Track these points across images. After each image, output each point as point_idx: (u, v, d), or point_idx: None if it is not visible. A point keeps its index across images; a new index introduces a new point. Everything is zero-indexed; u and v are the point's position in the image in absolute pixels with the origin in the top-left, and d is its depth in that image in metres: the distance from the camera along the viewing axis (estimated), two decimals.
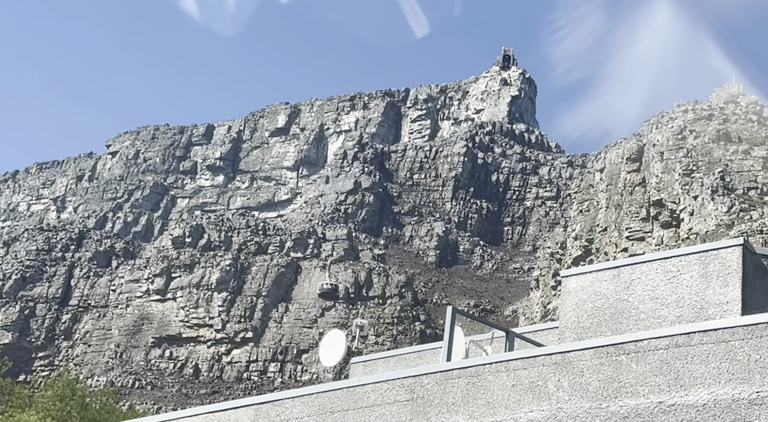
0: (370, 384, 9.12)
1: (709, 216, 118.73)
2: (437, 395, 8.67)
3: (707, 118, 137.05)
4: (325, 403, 9.30)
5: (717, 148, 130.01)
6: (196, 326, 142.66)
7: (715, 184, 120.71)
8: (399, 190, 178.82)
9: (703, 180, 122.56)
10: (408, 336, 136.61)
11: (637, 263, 10.10)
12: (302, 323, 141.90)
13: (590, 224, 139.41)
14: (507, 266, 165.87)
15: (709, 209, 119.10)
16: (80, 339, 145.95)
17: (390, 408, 8.89)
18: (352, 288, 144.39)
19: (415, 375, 8.89)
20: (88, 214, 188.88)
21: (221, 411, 9.87)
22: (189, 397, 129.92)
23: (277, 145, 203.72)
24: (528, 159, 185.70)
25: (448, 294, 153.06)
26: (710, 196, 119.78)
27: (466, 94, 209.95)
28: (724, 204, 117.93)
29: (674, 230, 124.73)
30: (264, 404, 9.64)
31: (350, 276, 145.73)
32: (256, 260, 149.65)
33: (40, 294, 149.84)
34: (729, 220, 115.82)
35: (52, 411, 35.73)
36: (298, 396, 9.50)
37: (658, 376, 7.67)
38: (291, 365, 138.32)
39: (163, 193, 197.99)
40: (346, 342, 12.42)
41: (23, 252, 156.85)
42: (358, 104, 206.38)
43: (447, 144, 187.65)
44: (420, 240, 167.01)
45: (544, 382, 8.19)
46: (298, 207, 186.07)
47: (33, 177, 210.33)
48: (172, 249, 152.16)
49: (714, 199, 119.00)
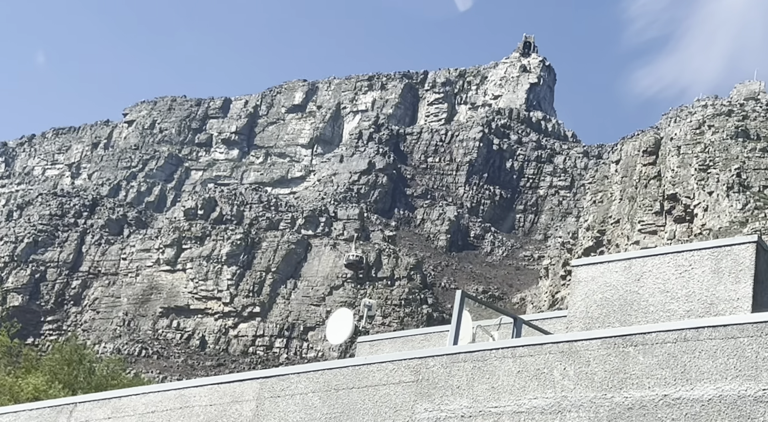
0: (376, 363, 9.14)
1: (723, 213, 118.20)
2: (442, 377, 8.69)
3: (726, 114, 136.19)
4: (330, 380, 9.33)
5: (735, 145, 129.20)
6: (204, 298, 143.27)
7: (730, 180, 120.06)
8: (413, 173, 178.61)
9: (719, 176, 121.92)
10: (415, 318, 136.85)
11: (649, 256, 10.08)
12: (310, 301, 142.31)
13: (603, 215, 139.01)
14: (517, 253, 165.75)
15: (724, 205, 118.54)
16: (89, 306, 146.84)
17: (395, 388, 8.91)
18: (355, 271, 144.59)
19: (421, 356, 8.90)
20: (102, 182, 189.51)
21: (226, 383, 9.91)
22: (194, 368, 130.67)
23: (293, 121, 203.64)
24: (544, 147, 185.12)
25: (457, 279, 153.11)
26: (725, 192, 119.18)
27: (484, 79, 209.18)
28: (739, 201, 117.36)
29: (687, 225, 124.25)
30: (269, 378, 9.67)
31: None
32: (267, 236, 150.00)
33: (51, 258, 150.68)
34: (743, 218, 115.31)
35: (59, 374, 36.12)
36: (304, 372, 9.53)
37: (664, 369, 7.67)
38: (297, 341, 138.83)
39: (177, 165, 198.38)
40: (354, 321, 12.45)
41: (36, 217, 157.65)
42: (376, 84, 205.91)
43: (463, 128, 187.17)
44: (431, 223, 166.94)
45: (550, 370, 8.20)
46: (311, 184, 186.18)
47: (49, 142, 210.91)
48: (183, 221, 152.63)
49: (729, 196, 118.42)
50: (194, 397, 10.04)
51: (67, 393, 32.20)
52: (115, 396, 10.49)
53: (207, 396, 9.97)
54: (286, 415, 9.43)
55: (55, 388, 33.22)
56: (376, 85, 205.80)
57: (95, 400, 10.62)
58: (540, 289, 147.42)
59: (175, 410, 10.01)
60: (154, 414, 10.13)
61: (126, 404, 10.36)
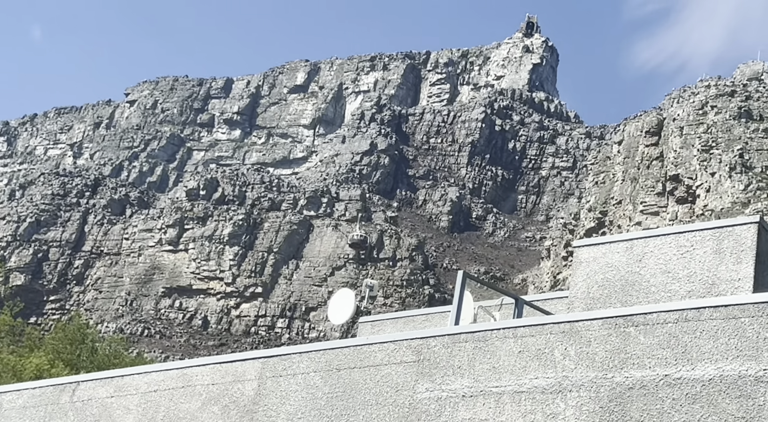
0: (377, 343, 9.17)
1: (726, 194, 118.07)
2: (443, 357, 8.71)
3: (729, 95, 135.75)
4: (332, 360, 9.35)
5: (737, 125, 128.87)
6: (206, 278, 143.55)
7: (733, 161, 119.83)
8: (415, 154, 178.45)
9: (721, 157, 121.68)
10: (416, 299, 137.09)
11: (651, 236, 10.08)
12: (312, 281, 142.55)
13: (605, 196, 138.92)
14: (519, 234, 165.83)
15: (726, 186, 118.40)
16: (92, 285, 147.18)
17: (396, 368, 8.94)
18: (359, 251, 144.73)
19: (423, 337, 8.92)
20: (104, 162, 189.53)
21: (228, 363, 9.94)
22: (197, 348, 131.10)
23: (295, 102, 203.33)
24: (546, 128, 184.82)
25: (459, 260, 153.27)
26: (728, 173, 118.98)
27: (487, 59, 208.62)
28: (741, 182, 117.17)
29: (689, 206, 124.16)
30: (271, 357, 9.70)
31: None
32: (269, 216, 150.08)
33: (53, 238, 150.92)
34: (745, 198, 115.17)
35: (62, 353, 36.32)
36: (306, 352, 9.56)
37: (665, 349, 7.68)
38: (299, 322, 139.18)
39: (179, 145, 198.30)
40: (356, 302, 12.48)
41: (39, 196, 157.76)
42: (378, 65, 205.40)
43: (465, 109, 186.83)
44: (433, 204, 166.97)
45: (551, 350, 8.22)
46: (313, 165, 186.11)
47: (51, 121, 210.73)
48: (185, 201, 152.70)
49: (731, 177, 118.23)
50: (196, 376, 10.08)
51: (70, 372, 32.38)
52: (118, 375, 10.54)
53: (209, 375, 10.01)
54: (287, 394, 9.47)
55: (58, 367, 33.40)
56: (378, 65, 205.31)
57: (98, 379, 10.67)
58: (542, 270, 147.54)
59: (178, 389, 10.06)
60: (156, 393, 10.18)
61: (128, 383, 10.40)
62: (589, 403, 7.88)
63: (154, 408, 10.13)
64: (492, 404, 8.32)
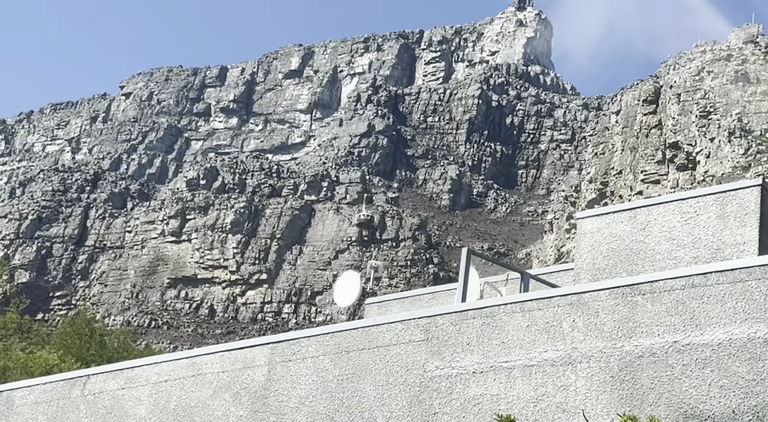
0: (385, 324, 9.18)
1: (726, 159, 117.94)
2: (452, 335, 8.73)
3: (725, 59, 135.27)
4: (341, 342, 9.37)
5: (735, 90, 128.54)
6: (210, 267, 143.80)
7: (732, 125, 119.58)
8: (413, 133, 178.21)
9: (719, 122, 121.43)
10: (421, 278, 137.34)
11: (654, 204, 10.07)
12: (316, 265, 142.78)
13: (605, 167, 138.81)
14: (521, 209, 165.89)
15: (726, 151, 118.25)
16: (97, 279, 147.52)
17: (405, 347, 8.96)
18: (366, 230, 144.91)
19: (430, 315, 8.94)
20: (102, 156, 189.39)
21: (237, 350, 9.97)
22: (204, 337, 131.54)
23: (291, 87, 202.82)
24: (543, 101, 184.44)
25: (462, 238, 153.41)
26: (727, 138, 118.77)
27: (480, 35, 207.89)
28: (741, 146, 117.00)
29: (690, 173, 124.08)
30: (280, 343, 9.72)
31: (356, 223, 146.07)
32: (270, 202, 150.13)
33: (56, 234, 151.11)
34: (746, 162, 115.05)
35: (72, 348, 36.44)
36: (314, 336, 9.57)
37: (673, 316, 7.69)
38: (305, 306, 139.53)
39: (177, 135, 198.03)
40: (361, 284, 12.50)
41: (39, 193, 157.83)
42: (372, 46, 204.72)
43: (461, 86, 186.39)
44: (433, 183, 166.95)
45: (559, 323, 8.23)
46: (311, 150, 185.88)
47: (47, 117, 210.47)
48: (186, 191, 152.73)
49: (731, 141, 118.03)
50: (206, 365, 10.11)
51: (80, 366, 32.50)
52: (128, 366, 10.57)
53: (219, 363, 10.04)
54: (297, 378, 9.50)
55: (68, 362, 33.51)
56: (372, 46, 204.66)
57: (108, 371, 10.70)
58: (545, 244, 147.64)
59: (188, 378, 10.09)
60: (167, 383, 10.20)
61: (138, 374, 10.43)
62: (600, 373, 7.90)
63: (165, 398, 10.17)
64: (503, 379, 8.34)
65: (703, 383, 7.42)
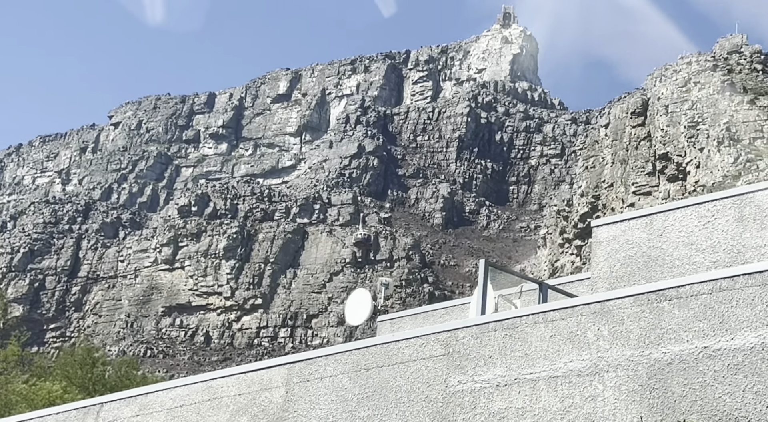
0: (404, 340, 9.04)
1: (716, 168, 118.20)
2: (473, 348, 8.59)
3: (711, 69, 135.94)
4: (359, 360, 9.23)
5: (722, 99, 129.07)
6: (205, 294, 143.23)
7: (720, 135, 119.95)
8: (403, 153, 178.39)
9: (708, 132, 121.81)
10: (417, 298, 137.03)
11: (670, 210, 9.97)
12: (311, 288, 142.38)
13: (596, 180, 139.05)
14: (513, 225, 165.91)
15: (716, 161, 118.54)
16: (91, 310, 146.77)
17: (426, 363, 8.82)
18: (359, 252, 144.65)
19: (450, 329, 8.80)
20: (93, 186, 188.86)
21: (253, 372, 9.81)
22: (201, 364, 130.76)
23: (279, 111, 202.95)
24: (531, 117, 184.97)
25: (456, 256, 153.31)
26: (716, 147, 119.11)
27: (467, 53, 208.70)
28: (731, 155, 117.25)
29: (681, 183, 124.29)
30: (297, 363, 9.58)
31: (353, 242, 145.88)
32: (263, 227, 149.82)
33: (49, 266, 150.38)
34: (736, 171, 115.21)
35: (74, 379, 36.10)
36: (332, 354, 9.43)
37: (701, 321, 7.57)
38: (301, 330, 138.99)
39: (167, 163, 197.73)
40: (372, 302, 12.36)
41: (30, 226, 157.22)
42: (359, 67, 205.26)
43: (449, 105, 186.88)
44: (425, 202, 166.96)
45: (584, 332, 8.10)
46: (302, 172, 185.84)
47: (36, 150, 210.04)
48: (178, 219, 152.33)
49: (720, 151, 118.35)
50: (222, 388, 9.95)
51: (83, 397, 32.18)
52: (142, 393, 10.40)
53: (235, 386, 9.88)
54: (316, 398, 9.34)
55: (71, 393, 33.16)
56: (359, 68, 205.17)
57: (122, 398, 10.53)
58: (539, 259, 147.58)
59: (204, 402, 9.92)
60: (182, 408, 10.03)
61: (153, 400, 10.26)
62: (628, 382, 7.76)
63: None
64: (528, 391, 8.20)
65: (736, 389, 7.28)
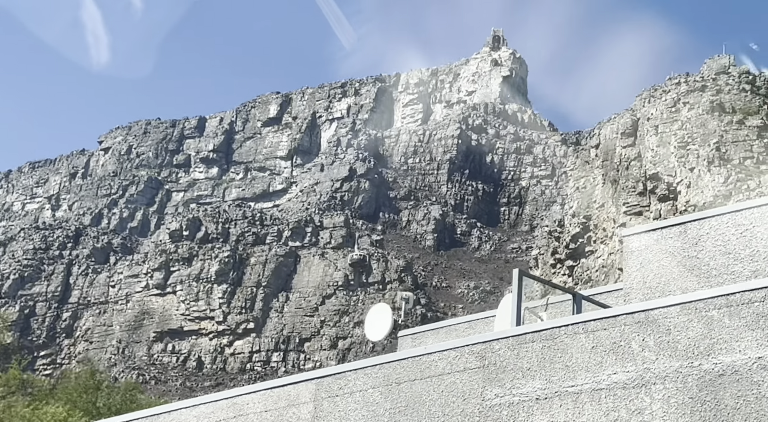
0: (437, 352, 8.79)
1: (706, 188, 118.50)
2: (511, 360, 8.33)
3: (700, 90, 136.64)
4: (390, 374, 8.96)
5: (711, 119, 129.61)
6: (197, 319, 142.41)
7: (710, 155, 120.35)
8: (394, 175, 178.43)
9: (698, 152, 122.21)
10: (409, 319, 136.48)
11: (705, 218, 9.76)
12: (303, 312, 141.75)
13: (587, 201, 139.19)
14: (505, 246, 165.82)
15: (706, 180, 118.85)
16: (82, 336, 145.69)
17: (460, 376, 8.56)
18: (352, 275, 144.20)
19: (485, 340, 8.55)
20: (83, 211, 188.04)
21: (280, 387, 9.54)
22: (193, 390, 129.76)
23: (270, 134, 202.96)
24: (522, 139, 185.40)
25: (448, 278, 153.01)
26: (706, 167, 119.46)
27: (457, 76, 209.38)
28: (721, 175, 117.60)
29: (672, 203, 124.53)
30: (325, 378, 9.31)
31: (349, 263, 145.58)
32: (255, 251, 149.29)
33: (39, 292, 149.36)
34: (726, 191, 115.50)
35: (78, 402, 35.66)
36: (361, 368, 9.17)
37: (755, 330, 7.33)
38: (294, 354, 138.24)
39: (157, 188, 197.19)
40: (393, 316, 12.11)
41: (20, 252, 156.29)
42: (350, 91, 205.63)
43: (440, 127, 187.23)
44: (417, 224, 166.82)
45: (627, 342, 7.85)
46: (293, 196, 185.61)
47: (26, 176, 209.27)
48: (169, 243, 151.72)
49: (710, 171, 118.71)
50: (248, 404, 9.67)
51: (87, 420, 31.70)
52: (165, 411, 10.11)
53: (261, 403, 9.61)
54: (346, 414, 9.06)
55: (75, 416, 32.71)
56: (349, 91, 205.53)
57: (142, 418, 10.23)
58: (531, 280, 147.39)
59: (229, 419, 9.64)
60: None
61: (176, 418, 9.97)
62: (677, 395, 7.51)
63: None
64: (569, 405, 7.94)
65: None
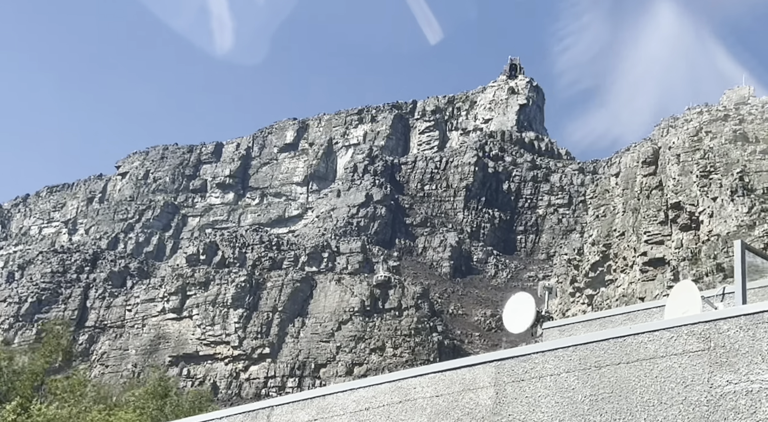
0: (645, 333, 7.92)
1: (730, 218, 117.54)
2: (744, 343, 7.43)
3: (723, 119, 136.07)
4: (587, 357, 8.09)
5: (734, 149, 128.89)
6: (212, 343, 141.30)
7: (734, 184, 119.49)
8: (410, 202, 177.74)
9: (721, 181, 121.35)
10: (426, 347, 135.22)
11: None
12: (319, 337, 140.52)
13: (607, 229, 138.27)
14: (521, 275, 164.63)
15: (729, 210, 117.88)
16: (97, 360, 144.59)
17: (678, 359, 7.66)
18: (368, 301, 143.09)
19: (709, 319, 7.66)
20: (99, 236, 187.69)
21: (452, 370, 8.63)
22: None
23: (286, 160, 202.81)
24: (539, 167, 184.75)
25: (464, 305, 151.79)
26: (729, 197, 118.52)
27: (473, 104, 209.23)
28: (744, 204, 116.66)
29: (694, 232, 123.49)
30: (507, 360, 8.42)
31: (365, 289, 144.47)
32: (271, 275, 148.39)
33: (56, 316, 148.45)
34: (750, 221, 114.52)
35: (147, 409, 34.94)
36: (550, 350, 8.29)
37: None
38: (309, 380, 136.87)
39: (173, 212, 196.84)
40: (536, 306, 11.23)
41: (38, 275, 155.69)
42: (366, 117, 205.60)
43: (457, 154, 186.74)
44: (433, 251, 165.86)
45: None
46: (309, 221, 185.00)
47: (44, 200, 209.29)
48: (186, 267, 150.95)
49: (734, 200, 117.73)
50: (415, 389, 8.80)
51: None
52: (319, 394, 9.25)
53: (431, 387, 8.73)
54: (536, 400, 8.18)
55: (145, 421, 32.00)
56: (366, 117, 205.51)
57: (295, 401, 9.35)
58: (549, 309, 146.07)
59: (394, 404, 8.75)
60: (368, 412, 8.86)
61: (332, 403, 9.10)
62: None
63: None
64: None
65: None
